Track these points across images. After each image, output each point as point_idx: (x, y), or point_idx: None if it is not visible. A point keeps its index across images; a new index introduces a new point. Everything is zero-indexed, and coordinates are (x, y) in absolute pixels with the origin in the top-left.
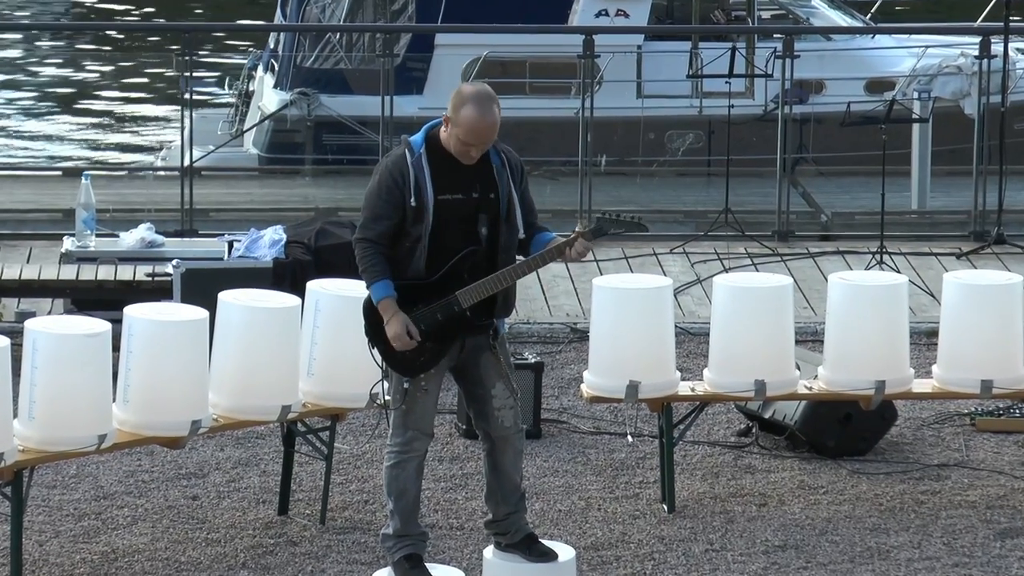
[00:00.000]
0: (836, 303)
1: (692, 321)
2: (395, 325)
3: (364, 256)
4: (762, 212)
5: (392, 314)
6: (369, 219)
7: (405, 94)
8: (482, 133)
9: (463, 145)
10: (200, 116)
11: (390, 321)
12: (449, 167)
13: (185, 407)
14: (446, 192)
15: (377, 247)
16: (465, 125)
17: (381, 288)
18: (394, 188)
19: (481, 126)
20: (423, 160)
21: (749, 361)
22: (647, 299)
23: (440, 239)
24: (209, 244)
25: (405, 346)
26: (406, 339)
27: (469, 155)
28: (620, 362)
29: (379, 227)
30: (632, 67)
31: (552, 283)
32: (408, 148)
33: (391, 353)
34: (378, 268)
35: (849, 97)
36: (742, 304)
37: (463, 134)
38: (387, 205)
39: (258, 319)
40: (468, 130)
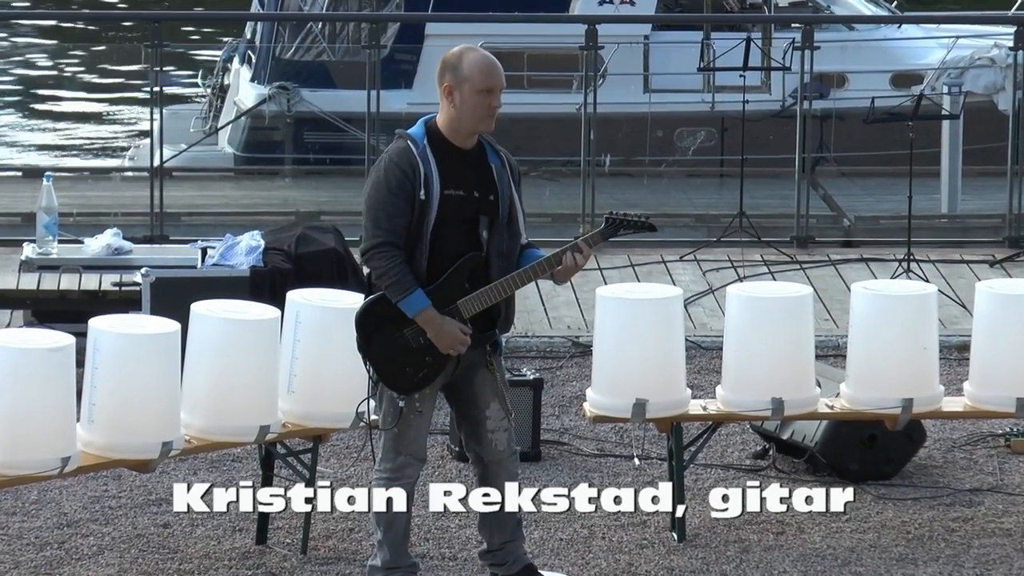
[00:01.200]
0: (860, 315)
1: (704, 334)
2: (450, 332)
3: (389, 266)
4: (779, 216)
5: (440, 323)
6: (382, 219)
7: (393, 88)
8: (497, 71)
9: (483, 96)
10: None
11: (441, 331)
12: (452, 161)
13: (155, 427)
14: (451, 187)
15: (399, 252)
16: (477, 69)
17: (419, 299)
18: (405, 181)
19: (492, 64)
20: (427, 152)
21: (765, 378)
22: (655, 310)
23: (441, 241)
24: (181, 251)
25: (465, 347)
26: (466, 340)
27: (493, 108)
28: (626, 379)
29: (394, 226)
30: (639, 59)
31: (552, 293)
32: (410, 140)
33: (387, 369)
34: (408, 278)
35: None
36: (758, 316)
37: (480, 79)
38: (399, 200)
39: (234, 332)
40: (483, 73)
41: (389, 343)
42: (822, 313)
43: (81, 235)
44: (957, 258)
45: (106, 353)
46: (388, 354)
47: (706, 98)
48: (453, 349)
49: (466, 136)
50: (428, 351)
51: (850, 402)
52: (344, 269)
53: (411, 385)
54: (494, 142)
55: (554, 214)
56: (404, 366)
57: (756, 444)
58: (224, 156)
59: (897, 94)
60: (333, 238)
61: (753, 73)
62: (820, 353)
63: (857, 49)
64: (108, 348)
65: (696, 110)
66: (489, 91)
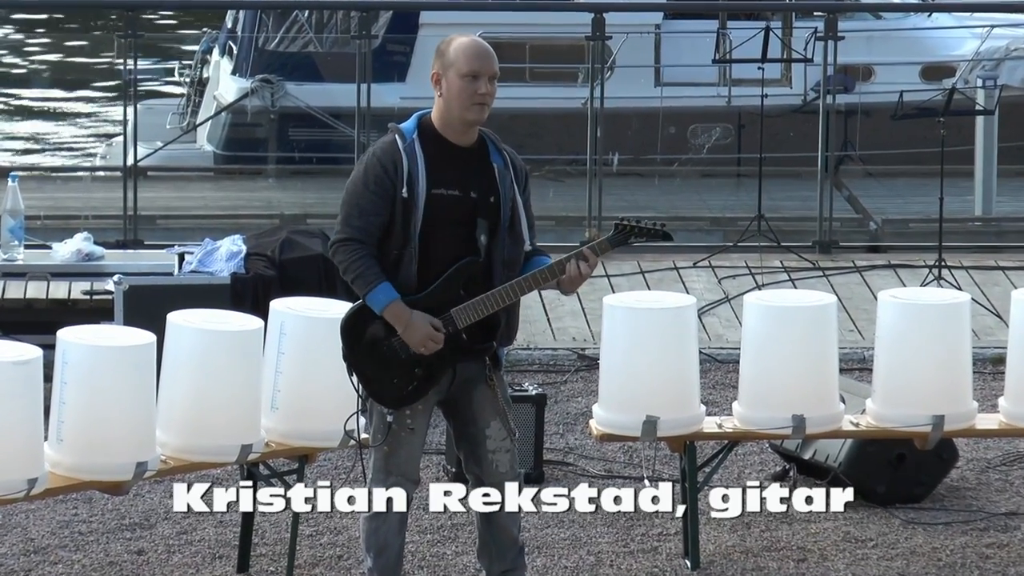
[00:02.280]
0: (887, 325)
1: (719, 346)
2: (418, 327)
3: (352, 259)
4: (801, 219)
5: (408, 317)
6: (354, 215)
7: (385, 82)
8: (485, 55)
9: (467, 82)
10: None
11: (409, 325)
12: (445, 158)
13: (129, 447)
14: (441, 186)
15: (365, 248)
16: (461, 52)
17: (384, 292)
18: (383, 177)
19: (480, 47)
20: (416, 147)
21: (786, 393)
22: (667, 321)
23: (432, 244)
24: (156, 257)
25: (437, 345)
26: (437, 336)
27: (480, 95)
28: (635, 394)
29: (365, 224)
30: (649, 50)
31: (556, 303)
32: (398, 134)
33: (373, 381)
34: (373, 270)
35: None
36: (778, 327)
37: (463, 63)
38: (375, 197)
39: (214, 344)
40: (467, 56)
41: (375, 352)
42: (847, 323)
43: (49, 240)
44: (992, 264)
45: (76, 367)
46: (374, 364)
47: (722, 92)
48: (424, 346)
49: (460, 130)
50: (417, 362)
51: (877, 419)
52: (332, 276)
53: (400, 399)
54: (499, 140)
55: (558, 217)
56: (391, 378)
57: (775, 465)
58: (203, 155)
59: (927, 88)
60: (320, 243)
61: (772, 65)
62: (844, 367)
63: (884, 39)
64: (78, 361)
65: (711, 105)
66: (474, 76)
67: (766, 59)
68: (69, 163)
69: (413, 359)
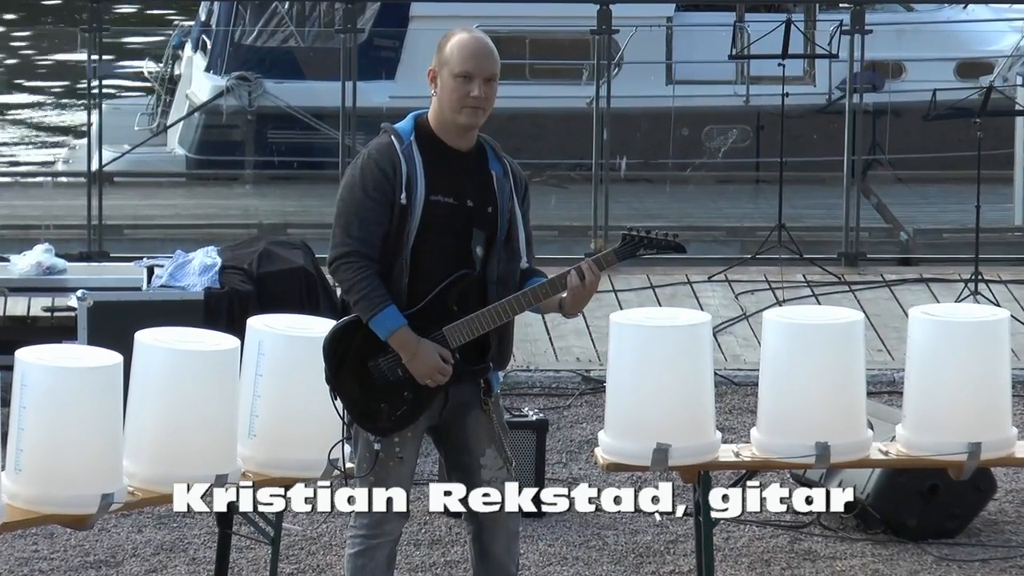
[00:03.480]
0: (919, 345)
1: (736, 367)
2: (426, 358)
3: (358, 278)
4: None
5: (415, 345)
6: (354, 225)
7: (372, 79)
8: (481, 54)
9: (460, 82)
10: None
11: (416, 355)
12: (442, 162)
13: (93, 477)
14: (438, 192)
15: (371, 264)
16: (456, 49)
17: (391, 317)
18: (383, 181)
19: (478, 45)
20: (414, 149)
21: (809, 418)
22: (679, 340)
23: (425, 256)
24: (123, 270)
25: (445, 378)
26: (446, 369)
27: (472, 98)
28: (645, 420)
29: (367, 234)
30: (660, 45)
31: (558, 320)
32: (395, 135)
33: (359, 405)
34: (380, 292)
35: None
36: (800, 346)
37: (459, 62)
38: (376, 204)
39: (186, 366)
40: (462, 53)
41: (361, 374)
42: (875, 343)
43: (6, 252)
44: None
45: (35, 390)
46: (360, 387)
47: (739, 91)
48: (431, 379)
49: (456, 133)
50: (408, 385)
51: (908, 447)
52: (315, 291)
53: (388, 425)
54: (498, 147)
55: (560, 227)
56: (379, 402)
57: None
58: (174, 159)
59: (963, 86)
60: (301, 255)
61: (794, 61)
62: (872, 390)
63: (916, 33)
64: (38, 384)
65: (727, 105)
66: (466, 77)
67: (787, 55)
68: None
69: (402, 382)
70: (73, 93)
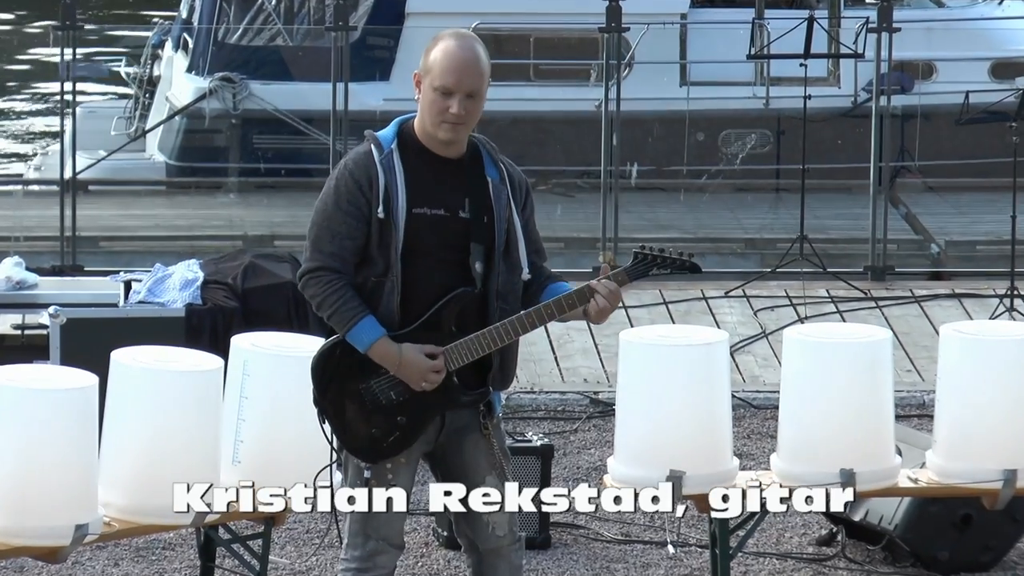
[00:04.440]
0: (951, 365)
1: (755, 389)
2: (412, 363)
3: (327, 292)
4: (850, 241)
5: (397, 354)
6: (324, 240)
7: (365, 81)
8: (463, 68)
9: (438, 96)
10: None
11: (402, 363)
12: (428, 172)
13: (67, 507)
14: (423, 204)
15: (341, 277)
16: (439, 59)
17: (368, 328)
18: (357, 194)
19: (461, 59)
20: (394, 159)
21: (833, 444)
22: (694, 359)
23: (417, 273)
24: (99, 285)
25: (440, 376)
26: (437, 366)
27: (451, 115)
28: (657, 445)
29: (339, 249)
30: (674, 44)
31: (564, 337)
32: (375, 144)
33: (348, 430)
34: (353, 303)
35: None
36: (823, 366)
37: (439, 75)
38: (348, 218)
39: (166, 387)
40: (443, 65)
41: (351, 397)
42: (904, 363)
43: None
44: None
45: (4, 414)
46: (350, 411)
47: (758, 93)
48: (426, 381)
49: (442, 142)
50: (401, 409)
51: (939, 474)
52: (303, 308)
53: (379, 452)
54: (494, 149)
55: (567, 239)
56: (370, 427)
57: (820, 527)
58: (153, 166)
59: (998, 87)
60: (289, 269)
61: (817, 61)
62: (901, 413)
63: (947, 31)
64: (7, 407)
65: (746, 108)
66: (445, 92)
67: (810, 54)
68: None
69: (395, 406)
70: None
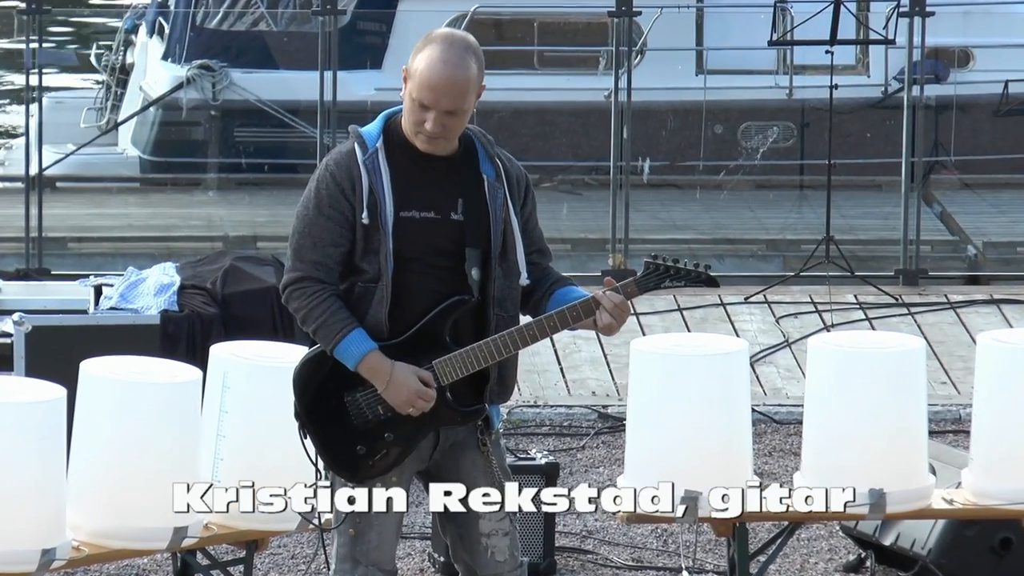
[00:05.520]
0: (989, 376)
1: (777, 402)
2: (402, 384)
3: (312, 304)
4: (880, 242)
5: (388, 371)
6: (306, 247)
7: (355, 69)
8: (441, 86)
9: (416, 107)
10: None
11: (392, 381)
12: (418, 170)
13: (32, 530)
14: (412, 207)
15: (326, 288)
16: (422, 70)
17: (357, 341)
18: (339, 198)
19: (441, 75)
20: (380, 158)
21: (861, 462)
22: (711, 370)
23: (409, 280)
24: (67, 290)
25: (427, 404)
26: (427, 393)
27: (426, 129)
28: (671, 463)
29: (322, 257)
30: (689, 28)
31: (571, 347)
32: (359, 142)
33: (331, 447)
34: (340, 315)
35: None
36: (851, 377)
37: (417, 87)
38: (332, 223)
39: (139, 400)
40: (423, 81)
41: (336, 411)
42: (938, 374)
43: None
44: None
45: None
46: (334, 426)
47: (781, 82)
48: (413, 406)
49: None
50: (388, 426)
51: (976, 495)
52: (288, 315)
53: (365, 471)
54: (490, 143)
55: (573, 240)
56: (355, 444)
57: (848, 552)
58: (126, 161)
59: None
60: (273, 272)
61: (845, 48)
62: (935, 428)
63: (985, 16)
64: None
65: (767, 98)
66: (422, 105)
67: (836, 40)
68: None
69: (383, 422)
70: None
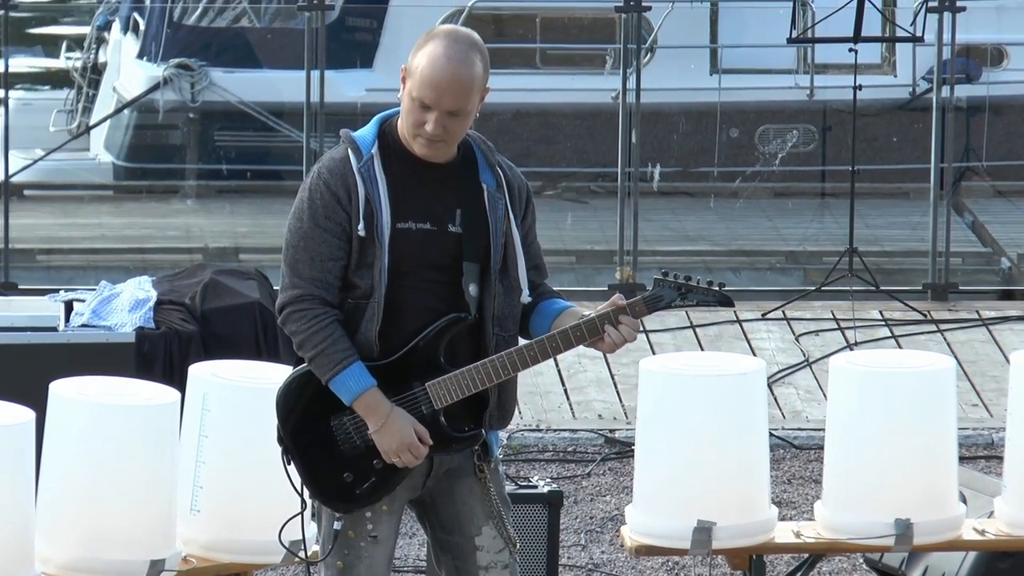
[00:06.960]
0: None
1: (797, 427)
2: (396, 431)
3: (313, 329)
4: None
5: (385, 414)
6: (302, 263)
7: (344, 68)
8: (444, 84)
9: (416, 107)
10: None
11: (386, 425)
12: (413, 179)
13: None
14: (408, 218)
15: (328, 310)
16: (423, 68)
17: (356, 377)
18: (335, 208)
19: (444, 72)
20: (375, 166)
21: (887, 490)
22: (725, 392)
23: (402, 296)
24: (35, 306)
25: (417, 460)
26: (418, 449)
27: (426, 131)
28: (683, 492)
29: (321, 273)
30: (703, 25)
31: (575, 367)
32: (352, 148)
33: (316, 474)
34: (340, 345)
35: None
36: (876, 399)
37: (418, 85)
38: (329, 236)
39: (112, 424)
40: (424, 79)
41: (322, 435)
42: (969, 395)
43: None
44: None
45: None
46: (319, 452)
47: (801, 82)
48: (399, 458)
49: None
50: (377, 452)
51: (1009, 525)
52: (272, 332)
53: (353, 499)
54: (490, 150)
55: (579, 252)
56: (341, 471)
57: None
58: (99, 167)
59: None
60: (256, 287)
61: (870, 46)
62: (966, 453)
63: (1020, 12)
64: None
65: (786, 100)
66: (423, 105)
67: (861, 37)
68: None
69: (372, 447)
70: None
